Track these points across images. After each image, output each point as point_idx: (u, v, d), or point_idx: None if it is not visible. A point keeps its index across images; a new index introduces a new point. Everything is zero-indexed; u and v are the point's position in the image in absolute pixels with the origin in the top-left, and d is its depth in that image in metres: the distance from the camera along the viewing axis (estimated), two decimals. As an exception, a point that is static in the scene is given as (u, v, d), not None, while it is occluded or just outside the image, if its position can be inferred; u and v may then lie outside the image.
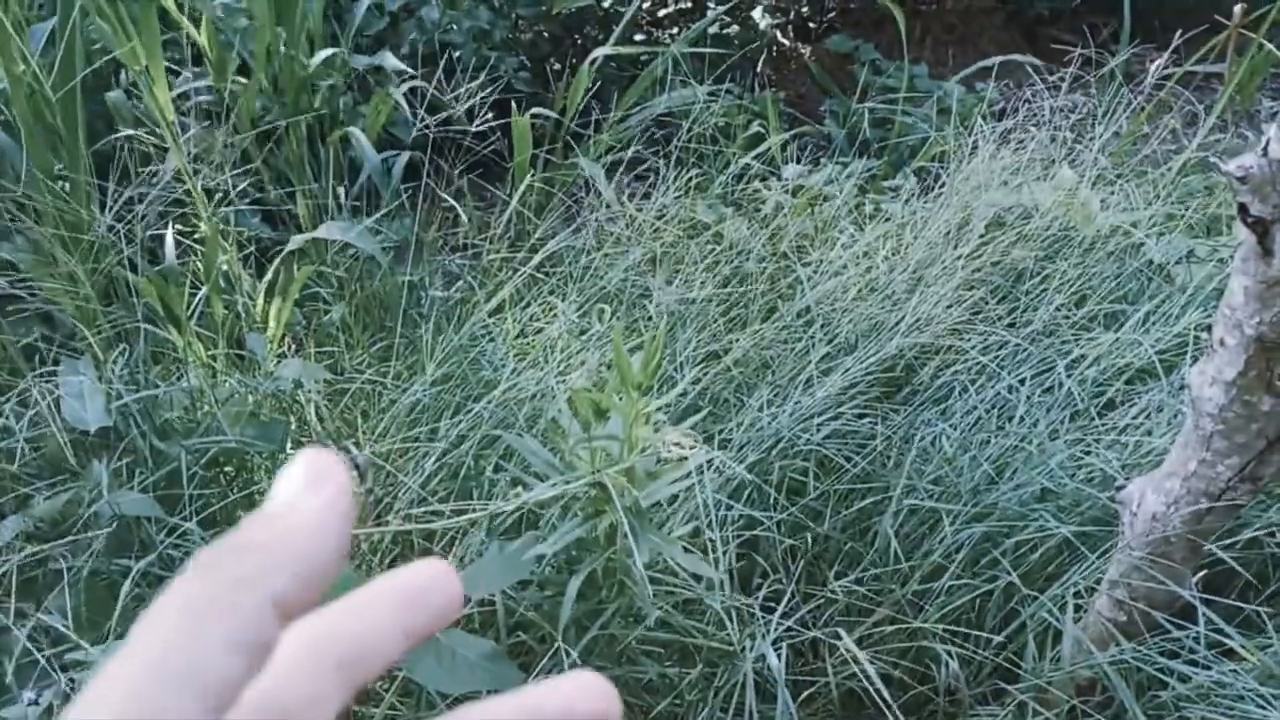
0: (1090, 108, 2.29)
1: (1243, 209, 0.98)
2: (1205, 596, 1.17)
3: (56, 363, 1.35)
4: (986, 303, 1.78)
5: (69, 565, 1.10)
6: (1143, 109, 2.34)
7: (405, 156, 2.30)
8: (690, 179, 2.12)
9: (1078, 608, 1.29)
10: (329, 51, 2.26)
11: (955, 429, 1.55)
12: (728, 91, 2.56)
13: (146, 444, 1.26)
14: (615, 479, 1.08)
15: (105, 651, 0.98)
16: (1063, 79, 2.24)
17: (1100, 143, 2.13)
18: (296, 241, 1.86)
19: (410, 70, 2.34)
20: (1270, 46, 2.42)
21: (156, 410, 1.34)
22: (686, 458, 1.09)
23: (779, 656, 1.20)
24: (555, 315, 1.75)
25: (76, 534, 1.13)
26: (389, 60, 2.34)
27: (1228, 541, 1.28)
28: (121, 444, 1.27)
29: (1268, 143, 0.96)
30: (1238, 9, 2.40)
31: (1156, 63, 2.29)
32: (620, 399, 1.09)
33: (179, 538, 1.23)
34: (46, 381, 1.26)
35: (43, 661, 0.94)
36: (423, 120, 2.00)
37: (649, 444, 1.09)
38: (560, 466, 1.16)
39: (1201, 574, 1.23)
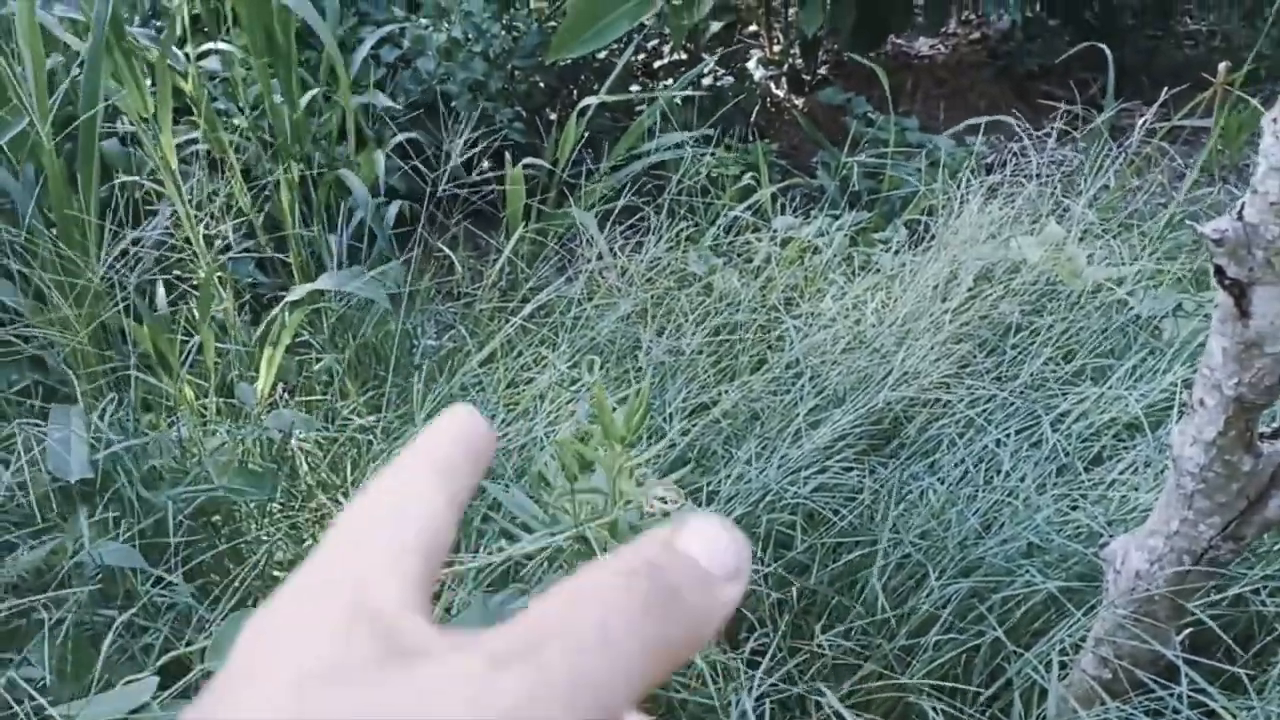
0: (1079, 162, 2.32)
1: (1219, 271, 1.00)
2: (1188, 657, 1.17)
3: (46, 408, 1.36)
4: (974, 356, 1.79)
5: (51, 616, 1.10)
6: (1131, 163, 2.37)
7: (396, 205, 2.33)
8: (682, 230, 2.13)
9: (1063, 665, 1.28)
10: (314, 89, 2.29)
11: (942, 482, 1.56)
12: (718, 141, 2.58)
13: (133, 492, 1.26)
14: (598, 533, 1.08)
15: (88, 703, 0.98)
16: (1050, 133, 2.27)
17: (1088, 197, 2.15)
18: (299, 292, 1.87)
19: (398, 107, 2.36)
20: (1255, 103, 2.46)
21: (144, 458, 1.34)
22: (670, 513, 1.10)
23: (763, 712, 1.20)
24: (545, 366, 1.76)
25: (60, 584, 1.13)
26: (379, 99, 2.37)
27: (1215, 599, 1.28)
28: (108, 492, 1.27)
29: (1242, 206, 0.98)
30: (1222, 66, 2.45)
31: (1144, 118, 2.33)
32: (603, 452, 1.10)
33: (164, 588, 1.23)
34: (34, 427, 1.26)
35: (22, 715, 0.93)
36: (418, 170, 2.03)
37: (633, 498, 1.10)
38: (545, 519, 1.16)
39: (1187, 631, 1.23)
